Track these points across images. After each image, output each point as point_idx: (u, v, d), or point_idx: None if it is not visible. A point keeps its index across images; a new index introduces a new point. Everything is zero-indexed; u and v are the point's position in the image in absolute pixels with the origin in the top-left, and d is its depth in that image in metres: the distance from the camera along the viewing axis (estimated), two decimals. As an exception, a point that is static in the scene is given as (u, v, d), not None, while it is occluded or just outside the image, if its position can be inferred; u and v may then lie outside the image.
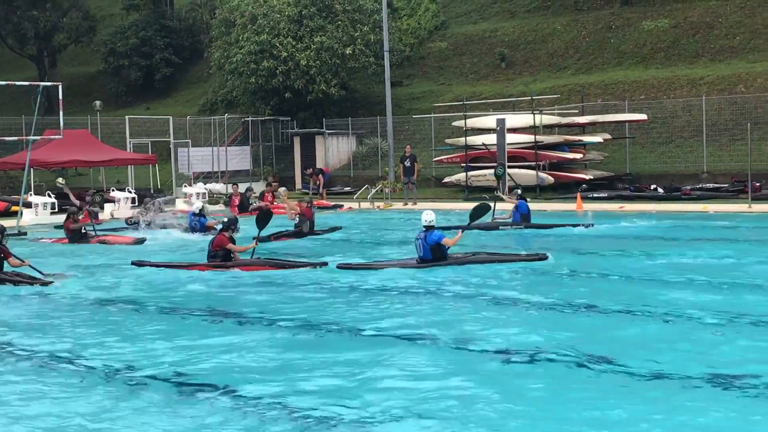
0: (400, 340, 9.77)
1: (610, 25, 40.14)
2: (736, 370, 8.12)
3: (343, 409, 7.26)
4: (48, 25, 48.72)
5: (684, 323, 10.33)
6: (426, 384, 7.96)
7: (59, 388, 8.21)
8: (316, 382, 8.13)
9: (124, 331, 10.72)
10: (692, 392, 7.53)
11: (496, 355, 9.04)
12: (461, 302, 12.11)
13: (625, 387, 7.77)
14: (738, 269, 14.19)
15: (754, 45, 35.60)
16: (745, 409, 7.05)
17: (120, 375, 8.64)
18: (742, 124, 29.27)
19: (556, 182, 30.32)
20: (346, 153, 39.25)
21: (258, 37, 37.83)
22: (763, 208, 24.01)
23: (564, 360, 8.69)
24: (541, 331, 9.95)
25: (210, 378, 8.33)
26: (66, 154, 31.57)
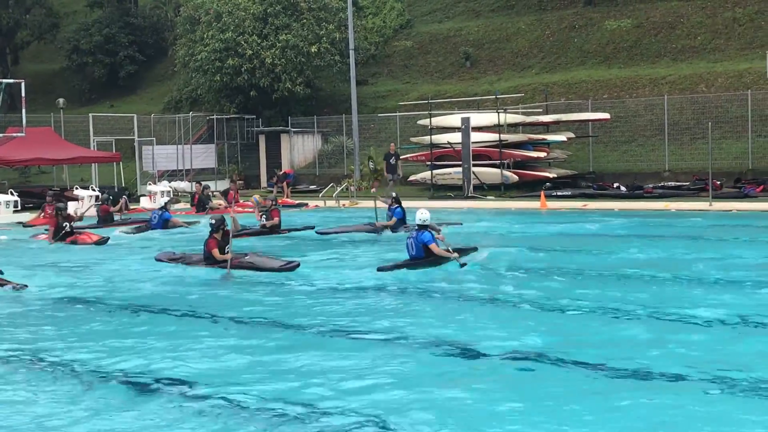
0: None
1: (573, 25, 40.36)
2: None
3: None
4: (11, 21, 48.23)
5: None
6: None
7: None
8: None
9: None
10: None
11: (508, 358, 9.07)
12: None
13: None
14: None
15: (715, 45, 35.93)
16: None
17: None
18: (703, 123, 29.54)
19: (521, 180, 30.42)
20: (311, 151, 39.15)
21: (223, 35, 37.63)
22: (724, 206, 24.22)
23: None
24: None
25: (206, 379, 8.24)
26: (29, 152, 31.24)
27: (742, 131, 30.12)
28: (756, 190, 26.59)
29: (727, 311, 10.51)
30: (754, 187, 26.90)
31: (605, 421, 6.74)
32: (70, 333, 10.53)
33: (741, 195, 26.34)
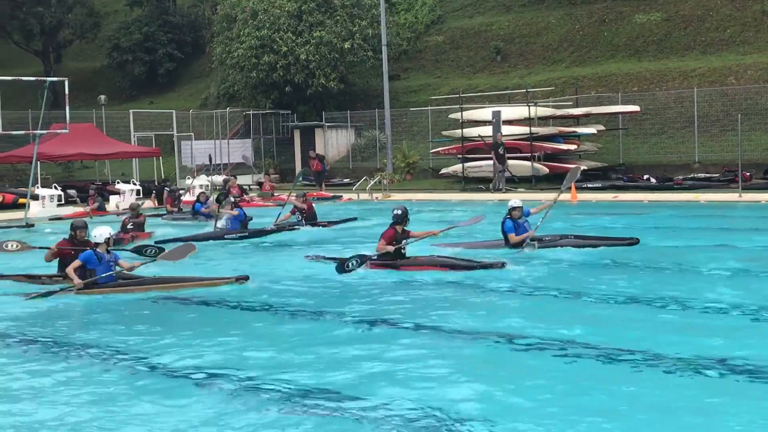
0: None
1: (603, 19, 40.06)
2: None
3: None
4: (53, 21, 48.64)
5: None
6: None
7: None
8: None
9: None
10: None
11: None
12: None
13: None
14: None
15: (744, 38, 35.52)
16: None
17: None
18: (733, 115, 29.23)
19: (551, 173, 30.27)
20: (345, 145, 39.21)
21: (259, 32, 37.75)
22: (754, 197, 23.98)
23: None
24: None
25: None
26: (72, 148, 31.60)
27: (772, 123, 29.81)
28: (786, 181, 26.31)
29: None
30: (784, 178, 26.62)
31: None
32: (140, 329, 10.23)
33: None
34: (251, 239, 18.92)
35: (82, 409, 7.11)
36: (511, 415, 6.62)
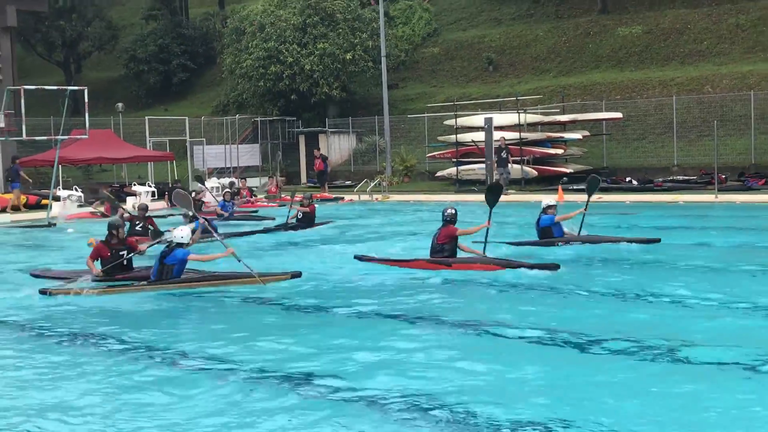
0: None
1: (588, 32, 40.08)
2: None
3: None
4: (74, 34, 48.63)
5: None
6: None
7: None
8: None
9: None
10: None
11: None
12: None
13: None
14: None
15: (719, 49, 35.56)
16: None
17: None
18: (709, 121, 29.27)
19: (540, 175, 30.32)
20: (347, 150, 39.23)
21: (266, 44, 37.77)
22: (729, 198, 24.03)
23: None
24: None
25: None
26: (91, 152, 31.63)
27: (746, 129, 29.84)
28: (758, 183, 26.36)
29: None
30: (757, 180, 26.67)
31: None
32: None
33: (744, 188, 26.12)
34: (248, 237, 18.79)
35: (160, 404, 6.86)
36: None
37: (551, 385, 7.10)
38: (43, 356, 8.56)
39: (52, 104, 39.20)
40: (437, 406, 6.54)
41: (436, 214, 14.28)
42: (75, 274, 13.20)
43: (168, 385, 7.35)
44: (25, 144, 32.57)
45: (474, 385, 7.13)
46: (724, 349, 7.97)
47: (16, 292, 12.17)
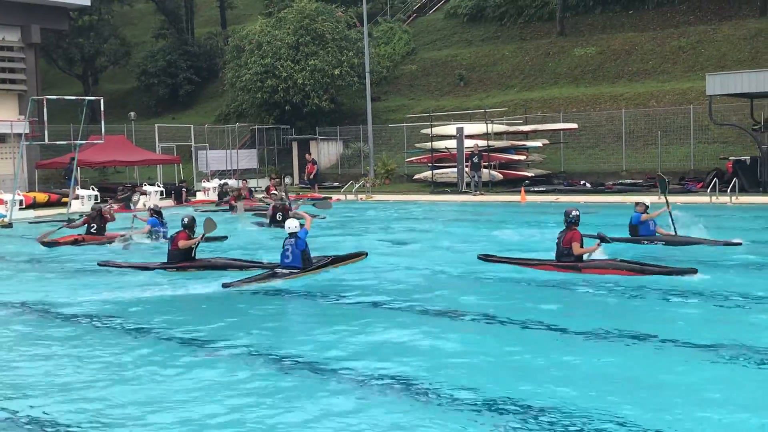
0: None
1: (548, 52, 40.17)
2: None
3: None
4: (92, 50, 48.27)
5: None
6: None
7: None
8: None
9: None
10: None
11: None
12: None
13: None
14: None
15: (663, 68, 35.73)
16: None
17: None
18: (654, 132, 29.45)
19: (505, 178, 30.37)
20: (335, 155, 39.15)
21: (263, 60, 37.61)
22: (671, 199, 24.02)
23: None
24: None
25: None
26: (106, 156, 31.44)
27: (686, 139, 29.99)
28: (696, 186, 26.50)
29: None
30: (695, 184, 26.81)
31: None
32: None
33: (684, 190, 26.26)
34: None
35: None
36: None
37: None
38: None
39: (71, 113, 38.88)
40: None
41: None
42: (140, 265, 13.15)
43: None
44: (47, 148, 32.34)
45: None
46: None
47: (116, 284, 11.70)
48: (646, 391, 6.35)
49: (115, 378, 7.10)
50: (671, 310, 9.37)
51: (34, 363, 7.61)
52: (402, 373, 6.97)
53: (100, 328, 9.20)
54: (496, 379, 6.79)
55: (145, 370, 7.30)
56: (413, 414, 5.97)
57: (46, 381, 7.01)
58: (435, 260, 13.58)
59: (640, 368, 7.02)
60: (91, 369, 7.40)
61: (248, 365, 7.39)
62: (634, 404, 6.02)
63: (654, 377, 6.73)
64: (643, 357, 7.39)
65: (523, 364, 7.26)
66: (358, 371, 7.05)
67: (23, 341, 8.54)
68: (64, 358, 7.84)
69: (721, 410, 5.90)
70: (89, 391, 6.73)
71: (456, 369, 7.07)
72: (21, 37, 33.11)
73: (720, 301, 9.69)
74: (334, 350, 7.84)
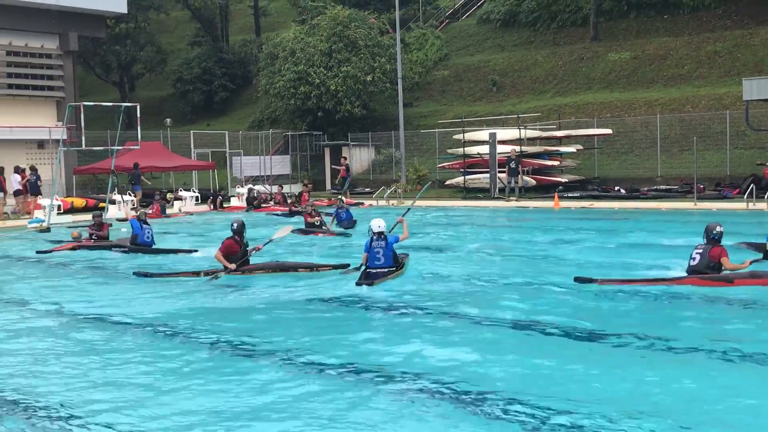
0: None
1: (582, 57, 39.93)
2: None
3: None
4: (128, 57, 48.92)
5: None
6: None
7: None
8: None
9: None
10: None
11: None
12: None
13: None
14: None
15: (699, 73, 35.33)
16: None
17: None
18: (689, 137, 29.08)
19: (538, 184, 30.20)
20: (366, 160, 39.22)
21: (296, 67, 37.83)
22: (706, 205, 23.85)
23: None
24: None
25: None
26: (142, 161, 31.73)
27: (722, 144, 29.61)
28: (732, 192, 26.13)
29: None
30: (731, 190, 26.44)
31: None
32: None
33: (720, 196, 25.91)
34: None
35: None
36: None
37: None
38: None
39: (108, 119, 39.42)
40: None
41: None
42: (176, 274, 13.16)
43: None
44: (84, 154, 32.80)
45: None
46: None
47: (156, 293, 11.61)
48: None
49: (186, 385, 6.99)
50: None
51: (101, 372, 7.54)
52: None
53: (166, 336, 9.03)
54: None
55: (212, 379, 7.14)
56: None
57: (115, 390, 6.96)
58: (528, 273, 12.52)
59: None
60: (166, 378, 7.27)
61: (320, 377, 7.15)
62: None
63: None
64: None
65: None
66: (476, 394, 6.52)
67: (87, 351, 8.44)
68: (133, 366, 7.73)
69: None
70: (161, 398, 6.68)
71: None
72: (59, 45, 33.64)
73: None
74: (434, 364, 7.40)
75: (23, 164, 29.02)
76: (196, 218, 26.38)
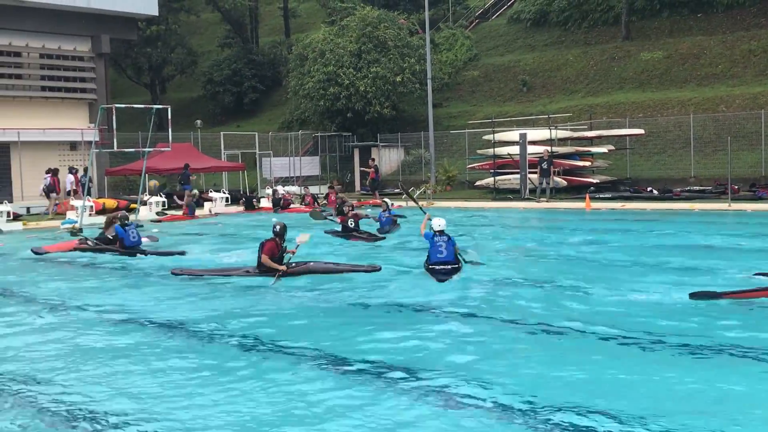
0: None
1: (613, 56, 39.58)
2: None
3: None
4: (159, 59, 49.38)
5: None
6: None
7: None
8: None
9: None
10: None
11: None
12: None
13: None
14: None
15: (733, 72, 34.86)
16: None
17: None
18: (723, 137, 28.69)
19: (569, 185, 29.98)
20: (396, 161, 39.20)
21: (326, 68, 37.92)
22: (741, 206, 23.51)
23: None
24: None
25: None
26: (174, 163, 32.00)
27: (756, 144, 29.20)
28: (767, 193, 25.78)
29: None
30: (766, 191, 26.04)
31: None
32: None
33: (755, 198, 25.53)
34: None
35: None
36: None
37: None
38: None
39: (139, 121, 39.82)
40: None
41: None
42: (211, 271, 13.35)
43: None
44: (116, 155, 33.10)
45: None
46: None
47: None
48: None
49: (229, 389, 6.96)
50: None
51: (125, 375, 7.57)
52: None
53: (211, 339, 8.94)
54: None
55: (256, 383, 7.10)
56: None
57: (160, 392, 6.98)
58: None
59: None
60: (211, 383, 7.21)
61: (364, 382, 7.06)
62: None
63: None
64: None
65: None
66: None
67: (114, 353, 8.44)
68: (174, 370, 7.71)
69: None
70: (197, 399, 6.68)
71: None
72: (91, 48, 34.03)
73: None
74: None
75: (55, 165, 29.41)
76: (223, 219, 26.46)
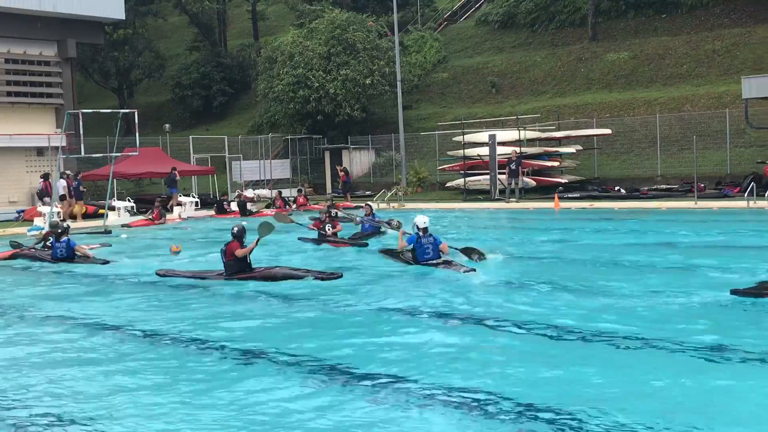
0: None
1: (580, 57, 39.97)
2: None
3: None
4: (126, 63, 49.01)
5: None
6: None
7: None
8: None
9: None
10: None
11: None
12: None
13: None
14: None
15: (698, 72, 35.37)
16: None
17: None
18: (689, 136, 29.12)
19: (538, 185, 30.22)
20: (367, 163, 39.27)
21: (295, 71, 37.89)
22: (707, 204, 23.87)
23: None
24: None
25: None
26: (142, 167, 31.84)
27: (721, 143, 29.64)
28: (733, 191, 26.15)
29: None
30: (732, 188, 26.46)
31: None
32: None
33: (721, 195, 25.93)
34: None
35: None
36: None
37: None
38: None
39: (107, 125, 39.49)
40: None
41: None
42: (199, 273, 13.17)
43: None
44: (83, 161, 32.85)
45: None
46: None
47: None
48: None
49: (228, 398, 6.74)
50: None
51: (105, 379, 7.43)
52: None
53: (197, 349, 8.62)
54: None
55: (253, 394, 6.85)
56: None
57: (121, 397, 6.88)
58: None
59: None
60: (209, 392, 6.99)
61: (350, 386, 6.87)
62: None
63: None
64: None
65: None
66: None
67: (92, 359, 8.32)
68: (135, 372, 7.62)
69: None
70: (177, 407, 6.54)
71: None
72: (57, 52, 33.68)
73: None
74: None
75: (26, 171, 29.09)
76: (192, 224, 26.32)
